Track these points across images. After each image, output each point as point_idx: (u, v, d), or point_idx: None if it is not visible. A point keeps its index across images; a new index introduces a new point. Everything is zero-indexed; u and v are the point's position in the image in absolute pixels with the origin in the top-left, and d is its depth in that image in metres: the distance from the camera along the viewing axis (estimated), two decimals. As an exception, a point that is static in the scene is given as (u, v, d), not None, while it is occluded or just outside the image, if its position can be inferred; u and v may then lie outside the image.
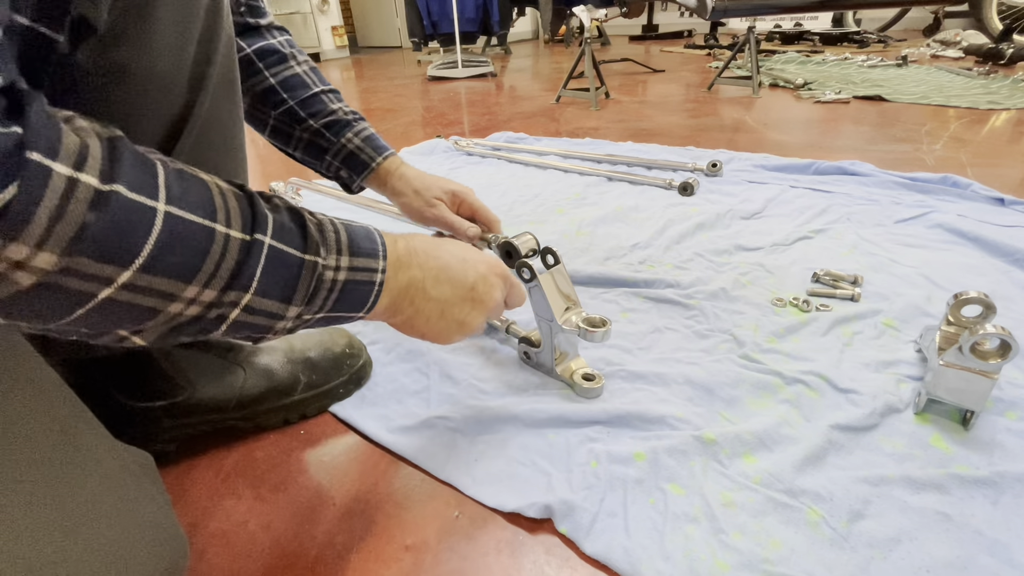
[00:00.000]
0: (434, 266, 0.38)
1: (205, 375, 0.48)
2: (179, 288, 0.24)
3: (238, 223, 0.26)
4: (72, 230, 0.20)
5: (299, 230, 0.30)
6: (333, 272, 0.31)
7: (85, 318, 0.23)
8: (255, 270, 0.27)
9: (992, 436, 0.47)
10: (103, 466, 0.30)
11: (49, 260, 0.20)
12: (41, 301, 0.21)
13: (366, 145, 0.58)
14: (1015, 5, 2.63)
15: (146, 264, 0.23)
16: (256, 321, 0.29)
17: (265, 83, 0.53)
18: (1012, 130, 1.41)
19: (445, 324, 0.40)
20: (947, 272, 0.72)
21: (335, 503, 0.45)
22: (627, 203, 1.02)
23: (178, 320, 0.26)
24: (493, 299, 0.42)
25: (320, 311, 0.32)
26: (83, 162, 0.21)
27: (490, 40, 3.73)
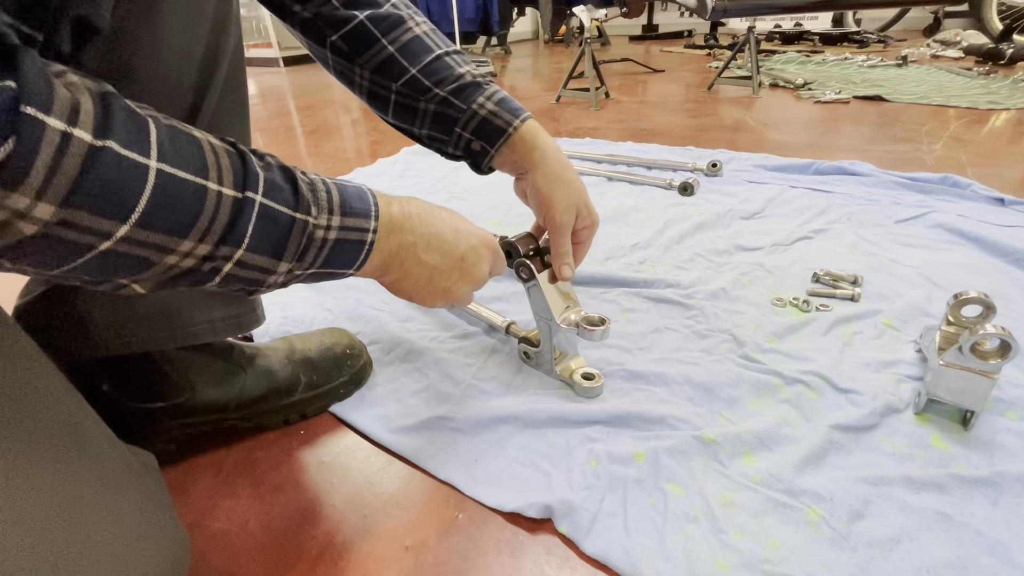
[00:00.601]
0: (426, 232, 0.38)
1: (205, 376, 0.48)
2: (174, 242, 0.25)
3: (229, 180, 0.27)
4: (68, 183, 0.21)
5: (290, 188, 0.30)
6: (324, 231, 0.32)
7: (84, 267, 0.24)
8: (247, 227, 0.28)
9: (992, 436, 0.47)
10: (108, 465, 0.30)
11: (48, 211, 0.21)
12: (43, 250, 0.22)
13: (501, 109, 0.50)
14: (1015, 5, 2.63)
15: (141, 220, 0.23)
16: (248, 275, 0.30)
17: (384, 52, 0.47)
18: (1012, 130, 1.41)
19: (431, 289, 0.40)
20: (947, 272, 0.72)
21: (335, 503, 0.45)
22: (627, 203, 1.02)
23: (174, 271, 0.27)
24: (480, 271, 0.42)
25: (311, 267, 0.32)
26: (75, 117, 0.21)
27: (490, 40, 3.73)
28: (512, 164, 0.52)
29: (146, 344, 0.44)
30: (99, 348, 0.43)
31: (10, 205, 0.20)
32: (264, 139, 1.69)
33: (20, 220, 0.21)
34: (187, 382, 0.47)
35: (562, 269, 0.52)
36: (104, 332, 0.42)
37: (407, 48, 0.48)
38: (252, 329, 0.51)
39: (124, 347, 0.43)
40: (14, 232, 0.21)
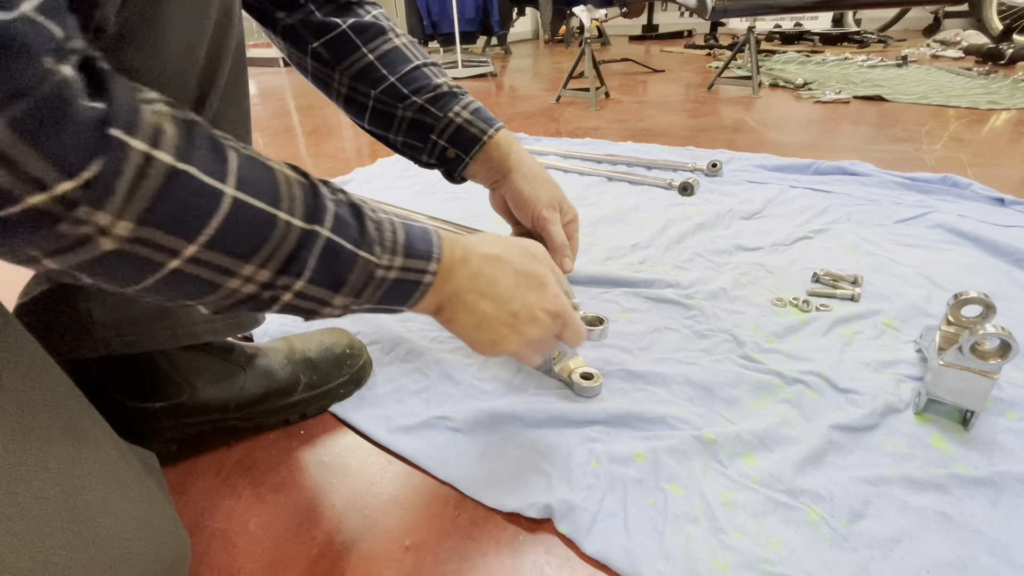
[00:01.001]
0: (484, 281, 0.38)
1: (205, 376, 0.48)
2: (237, 265, 0.26)
3: (300, 212, 0.28)
4: (146, 202, 0.22)
5: (357, 225, 0.31)
6: (384, 271, 0.33)
7: (155, 286, 0.25)
8: (308, 259, 0.29)
9: (992, 436, 0.47)
10: (110, 464, 0.31)
11: (126, 228, 0.22)
12: (119, 266, 0.24)
13: (476, 118, 0.52)
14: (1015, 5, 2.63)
15: (211, 242, 0.25)
16: (306, 305, 0.31)
17: (364, 60, 0.49)
18: (1012, 130, 1.41)
19: (479, 337, 0.40)
20: (947, 272, 0.72)
21: (335, 503, 0.45)
22: (627, 203, 1.02)
23: (236, 296, 0.28)
24: (532, 333, 0.40)
25: (367, 303, 0.34)
26: (158, 140, 0.23)
27: (490, 40, 3.73)
28: (486, 173, 0.53)
29: (147, 343, 0.44)
30: (100, 347, 0.43)
31: (95, 221, 0.22)
32: (264, 139, 1.69)
33: (101, 236, 0.22)
34: (187, 382, 0.47)
35: (563, 262, 0.52)
36: (105, 331, 0.42)
37: (386, 57, 0.49)
38: (252, 329, 0.52)
39: (125, 347, 0.43)
40: (94, 247, 0.22)
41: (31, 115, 0.19)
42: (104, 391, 0.45)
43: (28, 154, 0.19)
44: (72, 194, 0.20)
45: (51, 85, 0.19)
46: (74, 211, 0.21)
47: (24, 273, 0.43)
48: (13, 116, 0.18)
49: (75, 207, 0.21)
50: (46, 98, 0.19)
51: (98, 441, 0.30)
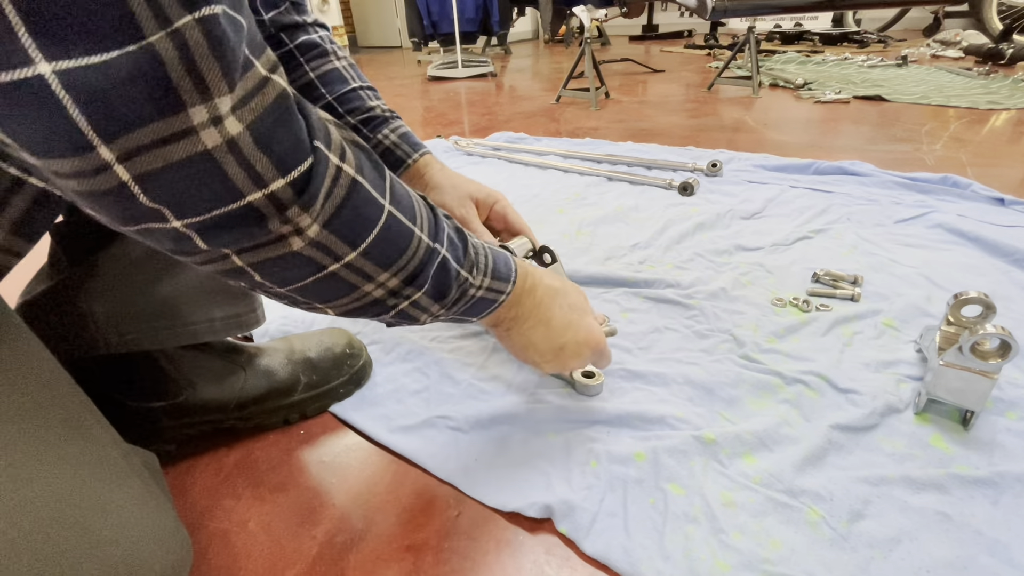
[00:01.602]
0: (540, 314, 0.43)
1: (206, 375, 0.48)
2: (377, 272, 0.29)
3: (427, 230, 0.31)
4: (334, 208, 0.25)
5: (462, 247, 0.35)
6: (475, 289, 0.36)
7: (308, 287, 0.27)
8: (430, 273, 0.32)
9: (992, 436, 0.47)
10: (111, 463, 0.31)
11: (315, 230, 0.24)
12: (291, 266, 0.25)
13: (402, 142, 0.57)
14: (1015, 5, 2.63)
15: (366, 250, 0.27)
16: (414, 313, 0.34)
17: (305, 77, 0.53)
18: (1012, 130, 1.41)
19: (524, 356, 0.45)
20: (947, 272, 0.72)
21: (335, 503, 0.45)
22: (627, 203, 1.02)
23: (366, 299, 0.30)
24: (572, 364, 0.46)
25: (452, 314, 0.37)
26: (343, 155, 0.25)
27: (490, 40, 3.73)
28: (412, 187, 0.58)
29: (146, 342, 0.44)
30: (100, 347, 0.43)
31: (298, 222, 0.23)
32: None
33: (296, 236, 0.24)
34: (187, 381, 0.47)
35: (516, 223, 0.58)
36: (105, 330, 0.42)
37: (325, 77, 0.53)
38: (252, 329, 0.52)
39: (125, 346, 0.43)
40: (286, 246, 0.24)
41: (263, 119, 0.20)
42: (104, 391, 0.45)
43: (258, 154, 0.21)
44: (283, 194, 0.22)
45: (277, 91, 0.21)
46: (285, 211, 0.23)
47: (25, 272, 0.43)
48: (254, 119, 0.20)
49: (286, 208, 0.23)
50: (273, 104, 0.21)
51: (100, 440, 0.30)
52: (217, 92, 0.19)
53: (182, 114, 0.18)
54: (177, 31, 0.17)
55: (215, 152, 0.20)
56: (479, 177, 1.23)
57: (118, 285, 0.42)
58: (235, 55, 0.19)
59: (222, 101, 0.19)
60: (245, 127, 0.20)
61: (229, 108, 0.19)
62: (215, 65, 0.18)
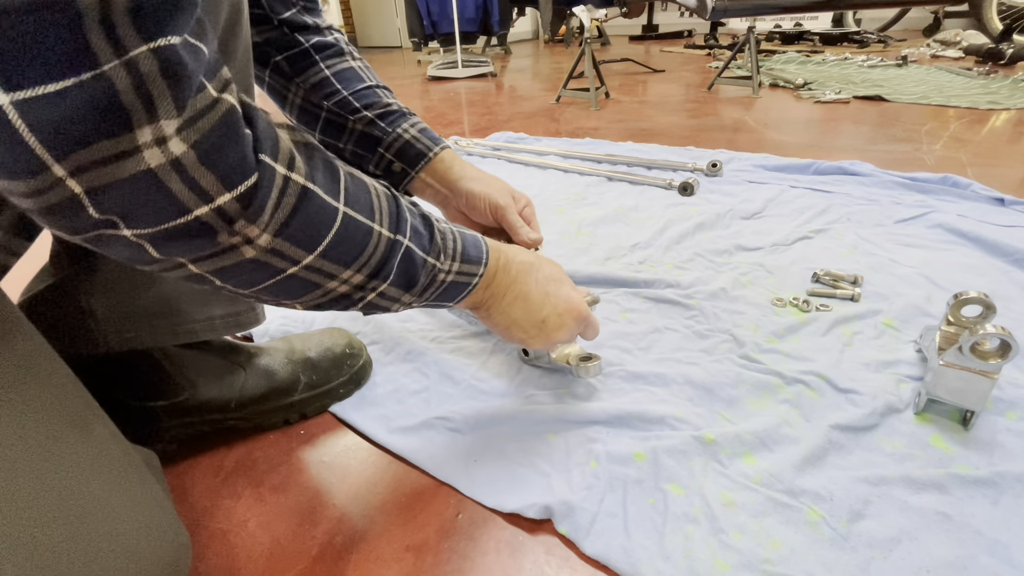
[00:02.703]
0: (518, 290, 0.43)
1: (206, 375, 0.48)
2: (339, 271, 0.30)
3: (387, 223, 0.32)
4: (284, 217, 0.26)
5: (428, 235, 0.35)
6: (444, 274, 0.37)
7: (268, 288, 0.28)
8: (394, 264, 0.33)
9: (992, 436, 0.47)
10: (113, 462, 0.31)
11: (266, 240, 0.25)
12: (249, 272, 0.27)
13: (422, 136, 0.56)
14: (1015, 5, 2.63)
15: (324, 251, 0.28)
16: (382, 303, 0.35)
17: (320, 74, 0.53)
18: (1012, 130, 1.41)
19: (508, 335, 0.45)
20: (947, 272, 0.72)
21: (335, 503, 0.45)
22: (627, 203, 1.02)
23: (331, 295, 0.31)
24: (558, 337, 0.46)
25: (424, 300, 0.37)
26: (292, 164, 0.26)
27: (490, 40, 3.73)
28: (435, 191, 0.57)
29: (146, 341, 0.44)
30: (100, 345, 0.43)
31: (246, 234, 0.24)
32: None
33: (246, 245, 0.25)
34: (187, 380, 0.47)
35: (530, 236, 0.56)
36: (105, 329, 0.42)
37: (342, 75, 0.54)
38: (252, 328, 0.52)
39: (125, 344, 0.43)
40: (239, 255, 0.25)
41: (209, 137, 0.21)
42: (105, 390, 0.45)
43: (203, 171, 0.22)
44: (230, 208, 0.23)
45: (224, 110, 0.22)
46: (233, 224, 0.24)
47: (27, 271, 0.43)
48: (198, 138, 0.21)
49: (233, 221, 0.24)
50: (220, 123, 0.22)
51: (101, 437, 0.30)
52: (165, 115, 0.20)
53: (128, 135, 0.19)
54: (131, 60, 0.18)
55: (159, 171, 0.21)
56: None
57: (118, 283, 0.42)
58: (189, 81, 0.20)
59: (168, 124, 0.20)
60: (189, 147, 0.21)
61: (175, 129, 0.20)
62: (166, 91, 0.19)
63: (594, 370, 0.53)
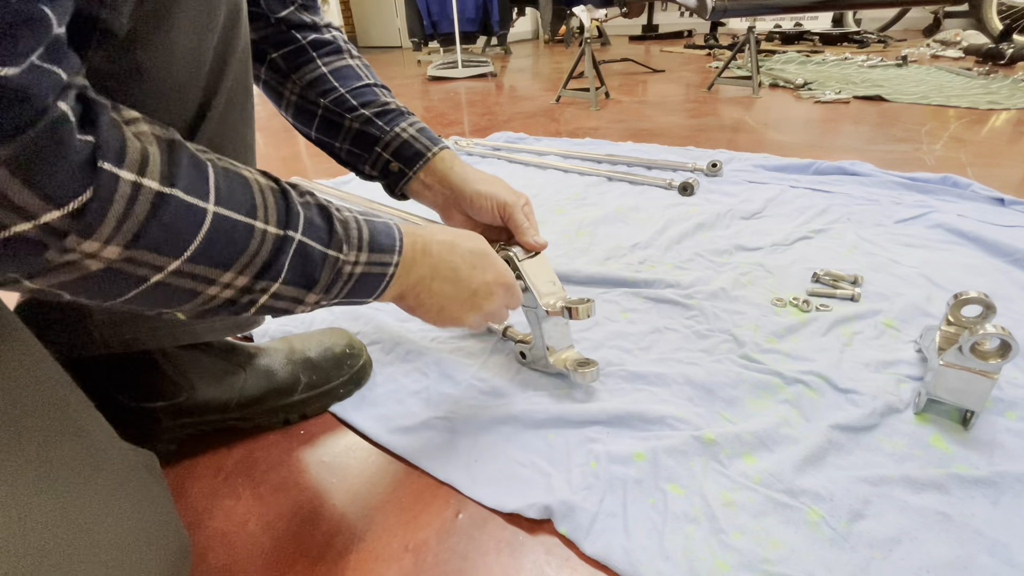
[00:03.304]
0: (443, 268, 0.42)
1: (206, 376, 0.48)
2: (217, 274, 0.28)
3: (274, 219, 0.30)
4: (135, 228, 0.23)
5: (326, 227, 0.33)
6: (351, 266, 0.35)
7: (136, 298, 0.26)
8: (284, 262, 0.30)
9: (992, 436, 0.47)
10: (111, 465, 0.30)
11: (114, 251, 0.23)
12: (103, 283, 0.25)
13: (421, 135, 0.55)
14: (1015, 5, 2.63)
15: (193, 255, 0.26)
16: (281, 305, 0.33)
17: (317, 71, 0.52)
18: (1012, 130, 1.41)
19: (442, 318, 0.44)
20: (947, 272, 0.72)
21: (335, 503, 0.45)
22: (627, 203, 1.02)
23: (215, 302, 0.29)
24: (491, 306, 0.45)
25: (336, 297, 0.35)
26: (145, 167, 0.24)
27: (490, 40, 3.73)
28: (434, 193, 0.55)
29: (146, 342, 0.44)
30: (99, 346, 0.43)
31: (83, 249, 0.22)
32: (264, 139, 1.69)
33: (89, 259, 0.23)
34: (187, 381, 0.47)
35: (536, 239, 0.54)
36: (104, 330, 0.42)
37: (339, 72, 0.52)
38: (252, 329, 0.52)
39: (123, 345, 0.43)
40: (80, 268, 0.23)
41: (25, 152, 0.19)
42: (104, 391, 0.45)
43: (17, 188, 0.20)
44: (59, 224, 0.21)
45: (47, 123, 0.20)
46: (63, 240, 0.22)
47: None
48: (8, 154, 0.19)
49: (64, 236, 0.22)
50: (41, 136, 0.20)
51: (98, 442, 0.30)
52: None
53: None
54: None
55: None
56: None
57: None
58: (11, 106, 0.19)
59: None
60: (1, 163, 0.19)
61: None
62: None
63: (591, 376, 0.53)
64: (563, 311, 0.51)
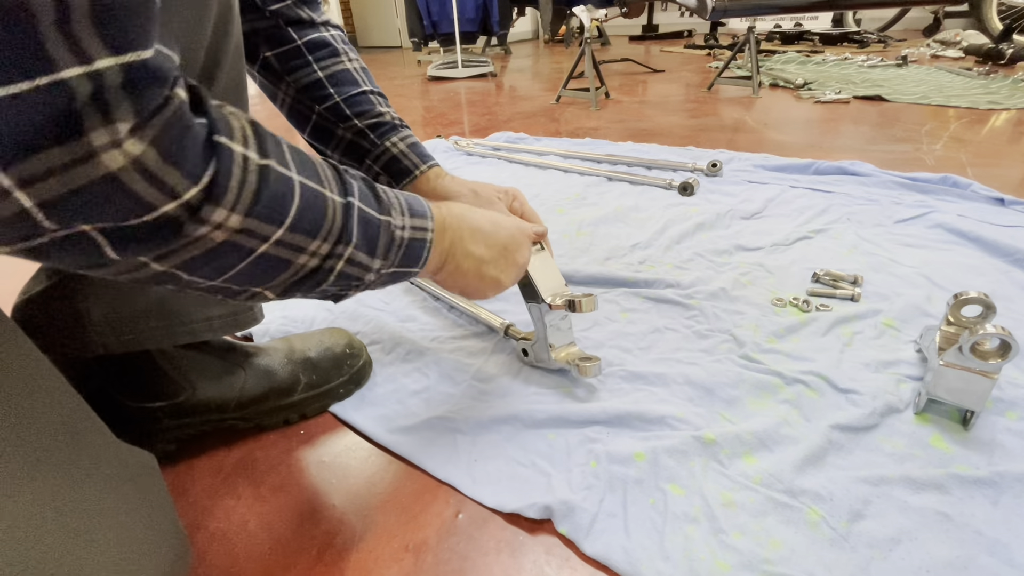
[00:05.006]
0: (469, 227, 0.42)
1: (205, 375, 0.48)
2: (307, 242, 0.29)
3: (336, 188, 0.31)
4: (251, 196, 0.25)
5: (373, 195, 0.34)
6: (400, 231, 0.36)
7: (239, 273, 0.27)
8: (353, 227, 0.32)
9: (992, 436, 0.47)
10: (108, 467, 0.30)
11: (236, 220, 0.25)
12: (221, 257, 0.26)
13: (411, 151, 0.55)
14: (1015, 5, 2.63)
15: (292, 224, 0.28)
16: (354, 272, 0.33)
17: (312, 75, 0.51)
18: (1012, 130, 1.41)
19: (483, 279, 0.44)
20: (947, 272, 0.72)
21: (335, 503, 0.45)
22: (627, 203, 1.02)
23: (302, 271, 0.30)
24: (523, 256, 0.47)
25: (392, 265, 0.36)
26: (247, 141, 0.25)
27: (490, 40, 3.73)
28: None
29: (144, 342, 0.44)
30: (98, 347, 0.42)
31: (213, 220, 0.24)
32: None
33: (215, 231, 0.24)
34: (187, 381, 0.47)
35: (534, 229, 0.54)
36: (103, 330, 0.42)
37: (335, 77, 0.52)
38: (250, 327, 0.52)
39: (122, 346, 0.43)
40: (207, 243, 0.24)
41: (165, 132, 0.21)
42: (104, 391, 0.45)
43: (164, 168, 0.21)
44: (195, 198, 0.23)
45: (177, 103, 0.21)
46: (199, 212, 0.23)
47: (24, 272, 0.43)
48: (154, 134, 0.20)
49: (199, 210, 0.23)
50: (174, 116, 0.21)
51: (94, 445, 0.30)
52: (121, 118, 0.19)
53: (83, 139, 0.19)
54: (97, 72, 0.18)
55: (120, 173, 0.20)
56: (479, 177, 1.23)
57: (115, 285, 0.42)
58: (149, 89, 0.20)
59: (123, 125, 0.19)
60: (148, 144, 0.20)
61: (128, 130, 0.20)
62: (125, 99, 0.19)
63: (594, 370, 0.53)
64: (566, 305, 0.52)
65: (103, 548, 0.28)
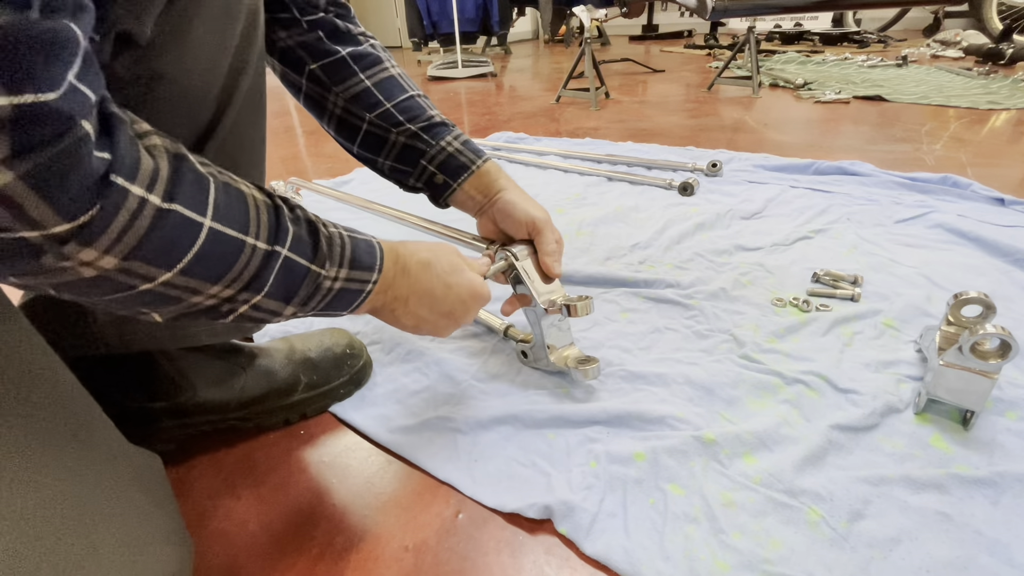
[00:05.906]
0: (419, 289, 0.42)
1: (206, 376, 0.48)
2: (204, 286, 0.28)
3: (264, 235, 0.30)
4: (134, 241, 0.24)
5: (312, 243, 0.34)
6: (331, 282, 0.36)
7: (119, 300, 0.27)
8: (269, 277, 0.31)
9: (992, 436, 0.47)
10: (115, 467, 0.31)
11: (111, 262, 0.24)
12: (92, 287, 0.25)
13: (465, 148, 0.56)
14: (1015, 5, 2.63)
15: (184, 268, 0.27)
16: (258, 316, 0.33)
17: (360, 85, 0.52)
18: (1012, 130, 1.41)
19: (418, 331, 0.45)
20: (947, 272, 0.72)
21: (335, 503, 0.45)
22: (627, 203, 1.02)
23: (196, 308, 0.30)
24: (468, 319, 0.47)
25: (312, 310, 0.36)
26: (154, 183, 0.24)
27: (490, 40, 3.73)
28: (473, 200, 0.56)
29: (147, 343, 0.44)
30: (100, 346, 0.43)
31: (80, 258, 0.23)
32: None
33: (83, 267, 0.23)
34: (187, 381, 0.47)
35: (553, 269, 0.54)
36: (106, 330, 0.42)
37: (383, 85, 0.52)
38: (252, 332, 0.52)
39: (124, 346, 0.43)
40: (75, 274, 0.24)
41: (45, 167, 0.20)
42: (105, 391, 0.45)
43: (33, 201, 0.20)
44: (63, 233, 0.22)
45: (70, 141, 0.20)
46: (62, 247, 0.22)
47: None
48: (28, 168, 0.19)
49: (64, 244, 0.22)
50: (62, 153, 0.20)
51: (103, 444, 0.30)
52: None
53: None
54: None
55: None
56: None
57: None
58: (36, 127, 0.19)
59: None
60: (17, 177, 0.20)
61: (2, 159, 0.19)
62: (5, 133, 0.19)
63: (592, 373, 0.53)
64: (562, 309, 0.52)
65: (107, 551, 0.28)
